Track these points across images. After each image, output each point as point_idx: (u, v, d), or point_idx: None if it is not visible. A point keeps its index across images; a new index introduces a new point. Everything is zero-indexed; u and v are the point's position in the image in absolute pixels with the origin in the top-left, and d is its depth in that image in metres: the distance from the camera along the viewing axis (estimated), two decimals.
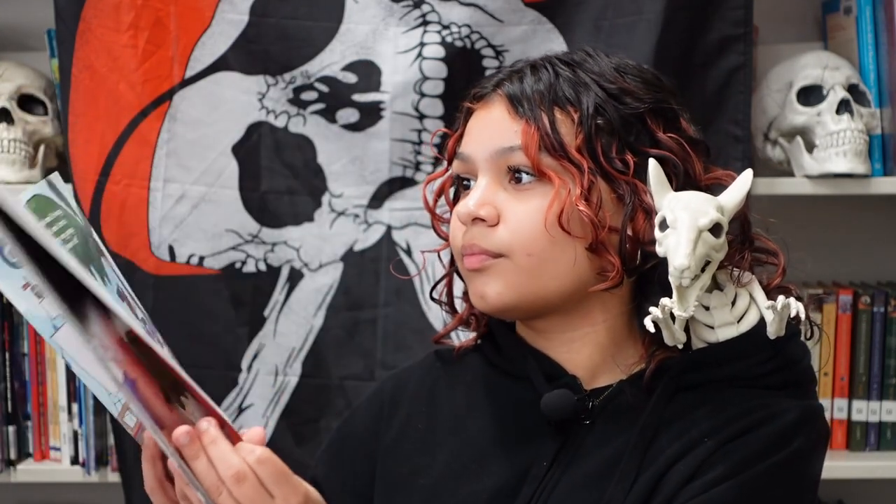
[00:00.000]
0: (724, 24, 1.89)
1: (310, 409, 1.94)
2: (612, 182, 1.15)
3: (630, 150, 1.16)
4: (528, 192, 1.15)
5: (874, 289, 2.10)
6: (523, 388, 1.21)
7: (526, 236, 1.15)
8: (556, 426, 1.17)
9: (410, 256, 1.94)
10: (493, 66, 1.91)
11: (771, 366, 1.16)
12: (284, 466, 1.08)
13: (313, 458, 1.31)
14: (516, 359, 1.22)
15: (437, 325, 1.93)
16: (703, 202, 1.12)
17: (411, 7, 1.90)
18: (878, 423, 2.08)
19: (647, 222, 1.15)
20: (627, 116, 1.16)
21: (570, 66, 1.18)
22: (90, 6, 1.90)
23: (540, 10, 1.90)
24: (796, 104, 2.01)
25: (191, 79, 1.93)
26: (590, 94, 1.16)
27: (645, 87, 1.18)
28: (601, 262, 1.15)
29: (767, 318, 1.14)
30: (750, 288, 1.16)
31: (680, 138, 1.17)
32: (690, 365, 1.17)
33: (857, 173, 1.95)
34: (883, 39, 2.01)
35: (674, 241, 1.09)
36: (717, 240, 1.11)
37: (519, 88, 1.17)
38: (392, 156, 1.93)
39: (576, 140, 1.15)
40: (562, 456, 1.16)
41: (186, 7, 1.92)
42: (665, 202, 1.12)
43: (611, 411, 1.17)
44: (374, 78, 1.91)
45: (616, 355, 1.20)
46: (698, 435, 1.12)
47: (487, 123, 1.19)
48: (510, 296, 1.16)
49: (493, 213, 1.16)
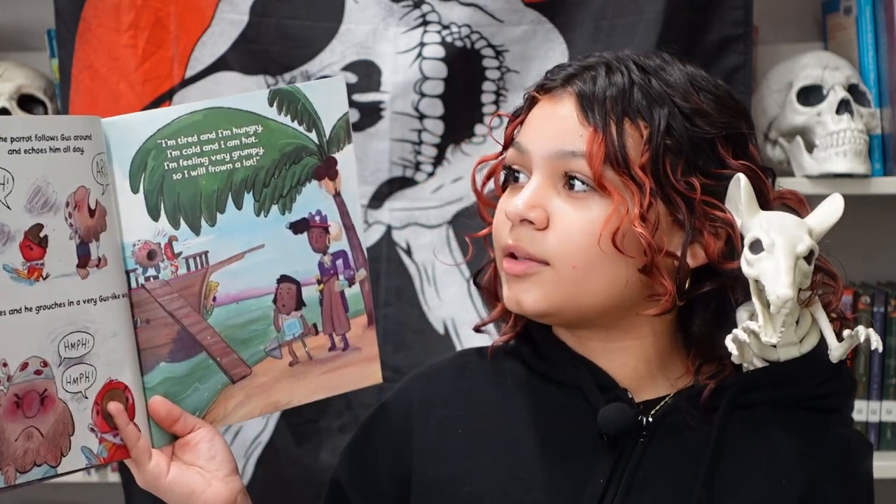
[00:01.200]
0: (724, 24, 1.89)
1: (310, 409, 1.92)
2: (671, 205, 1.12)
3: (698, 172, 1.12)
4: (582, 200, 1.12)
5: (874, 289, 2.10)
6: (570, 396, 1.18)
7: (574, 247, 1.11)
8: (609, 440, 1.14)
9: (410, 256, 1.94)
10: (493, 66, 1.91)
11: (827, 388, 1.16)
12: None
13: (313, 459, 1.31)
14: (563, 366, 1.19)
15: (437, 325, 1.93)
16: (797, 226, 1.09)
17: (411, 7, 1.90)
18: (878, 423, 2.08)
19: (717, 243, 1.12)
20: (698, 139, 1.12)
21: (645, 72, 1.14)
22: (90, 6, 1.90)
23: (540, 10, 1.90)
24: (796, 104, 2.01)
25: (191, 79, 1.93)
26: (663, 110, 1.12)
27: (718, 108, 1.14)
28: (652, 284, 1.12)
29: (834, 344, 1.12)
30: (813, 309, 1.14)
31: (752, 165, 1.14)
32: (751, 385, 1.15)
33: (857, 173, 1.95)
34: (883, 39, 2.01)
35: (772, 268, 1.06)
36: (810, 267, 1.09)
37: (591, 89, 1.13)
38: (392, 156, 1.93)
39: (641, 157, 1.11)
40: (618, 473, 1.13)
41: (186, 7, 1.91)
42: (756, 222, 1.09)
43: (666, 428, 1.15)
44: (374, 78, 1.91)
45: (662, 368, 1.18)
46: (775, 471, 1.12)
47: (552, 119, 1.15)
48: (547, 305, 1.14)
49: (542, 216, 1.12)
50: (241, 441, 1.93)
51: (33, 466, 1.09)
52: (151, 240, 1.17)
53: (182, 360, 1.19)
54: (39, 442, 1.09)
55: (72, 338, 1.11)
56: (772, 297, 1.06)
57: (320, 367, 1.25)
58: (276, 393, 1.24)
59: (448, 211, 1.94)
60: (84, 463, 1.13)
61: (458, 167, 1.93)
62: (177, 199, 1.18)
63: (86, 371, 1.12)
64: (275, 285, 1.22)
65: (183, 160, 1.18)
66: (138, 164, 1.17)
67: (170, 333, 1.18)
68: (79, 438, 1.12)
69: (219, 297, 1.20)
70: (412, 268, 1.94)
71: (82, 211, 1.12)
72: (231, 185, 1.20)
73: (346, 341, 1.26)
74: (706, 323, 1.16)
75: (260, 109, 1.21)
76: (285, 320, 1.23)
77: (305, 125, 1.23)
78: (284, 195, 1.22)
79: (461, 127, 1.93)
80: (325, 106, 1.24)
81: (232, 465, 1.20)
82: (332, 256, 1.25)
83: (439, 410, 1.23)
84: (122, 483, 2.01)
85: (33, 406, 1.09)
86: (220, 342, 1.20)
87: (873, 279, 2.20)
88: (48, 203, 1.09)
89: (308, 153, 1.23)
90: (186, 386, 1.19)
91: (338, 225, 1.25)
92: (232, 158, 1.20)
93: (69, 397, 1.11)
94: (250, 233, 1.21)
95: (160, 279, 1.17)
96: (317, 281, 1.24)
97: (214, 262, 1.20)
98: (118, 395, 1.15)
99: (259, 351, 1.22)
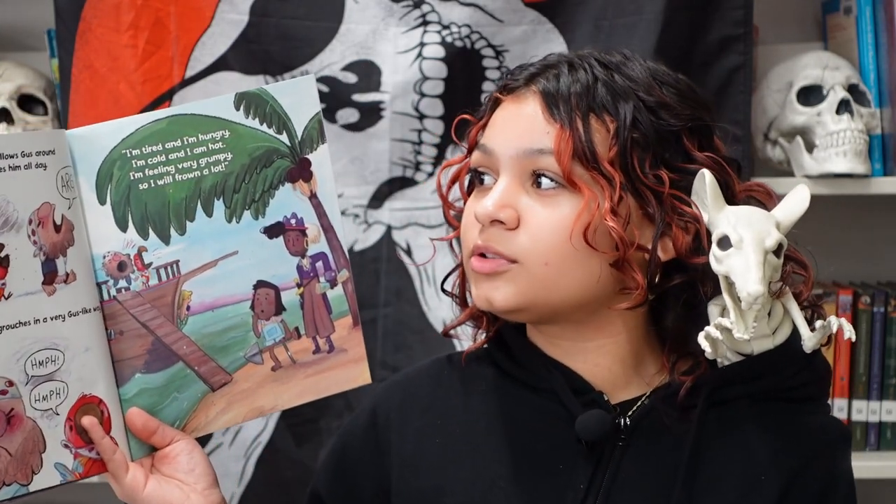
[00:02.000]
0: (724, 24, 1.89)
1: (309, 409, 1.93)
2: (640, 198, 1.12)
3: (665, 165, 1.12)
4: (551, 198, 1.12)
5: (874, 289, 2.10)
6: (546, 400, 1.17)
7: (545, 245, 1.11)
8: (587, 446, 1.13)
9: (410, 256, 1.94)
10: (493, 66, 1.91)
11: (802, 378, 1.15)
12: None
13: (313, 459, 1.31)
14: (537, 370, 1.18)
15: (436, 325, 1.93)
16: (764, 220, 1.09)
17: (411, 7, 1.90)
18: (878, 423, 2.08)
19: (685, 238, 1.12)
20: (663, 132, 1.12)
21: (607, 68, 1.14)
22: (90, 6, 1.90)
23: (540, 10, 1.90)
24: (796, 104, 2.01)
25: (191, 79, 1.93)
26: (628, 105, 1.12)
27: (681, 100, 1.14)
28: (624, 278, 1.12)
29: (807, 334, 1.12)
30: (785, 300, 1.13)
31: (717, 157, 1.15)
32: (726, 380, 1.15)
33: (857, 173, 1.95)
34: (883, 39, 2.01)
35: (741, 264, 1.06)
36: (779, 260, 1.08)
37: (555, 87, 1.13)
38: (392, 156, 1.93)
39: (609, 152, 1.11)
40: (597, 479, 1.13)
41: (186, 7, 1.91)
42: (723, 218, 1.09)
43: (644, 430, 1.14)
44: (374, 78, 1.91)
45: (637, 367, 1.18)
46: (753, 469, 1.12)
47: (517, 119, 1.14)
48: (518, 301, 1.13)
49: (513, 216, 1.12)
50: (241, 441, 1.93)
51: (2, 486, 1.08)
52: (121, 251, 1.16)
53: (158, 370, 1.18)
54: (7, 461, 1.08)
55: (39, 355, 1.10)
56: (742, 293, 1.05)
57: (305, 370, 1.25)
58: (259, 398, 1.23)
59: None
60: (59, 479, 1.12)
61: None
62: (144, 209, 1.17)
63: (56, 388, 1.11)
64: (251, 291, 1.21)
65: (148, 169, 1.17)
66: (104, 175, 1.16)
67: (144, 344, 1.17)
68: (51, 455, 1.11)
69: (193, 305, 1.19)
70: (412, 268, 1.94)
71: (47, 227, 1.11)
72: (200, 193, 1.19)
73: (330, 343, 1.26)
74: (679, 317, 1.16)
75: (226, 114, 1.20)
76: (265, 325, 1.22)
77: (275, 127, 1.22)
78: (257, 200, 1.21)
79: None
80: (296, 106, 1.23)
81: (211, 478, 1.20)
82: (312, 259, 1.24)
83: (417, 420, 1.22)
84: None
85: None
86: (196, 351, 1.19)
87: (873, 279, 2.20)
88: (8, 222, 1.08)
89: (280, 156, 1.22)
90: (164, 396, 1.18)
91: (315, 227, 1.24)
92: (199, 165, 1.18)
93: (38, 415, 1.10)
94: (222, 240, 1.20)
95: (132, 290, 1.16)
96: (296, 284, 1.23)
97: (186, 270, 1.19)
98: (92, 410, 1.14)
99: (239, 357, 1.21)
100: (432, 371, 1.27)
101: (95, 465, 1.15)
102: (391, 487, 1.21)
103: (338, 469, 1.27)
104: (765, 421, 1.14)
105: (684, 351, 1.16)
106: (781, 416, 1.15)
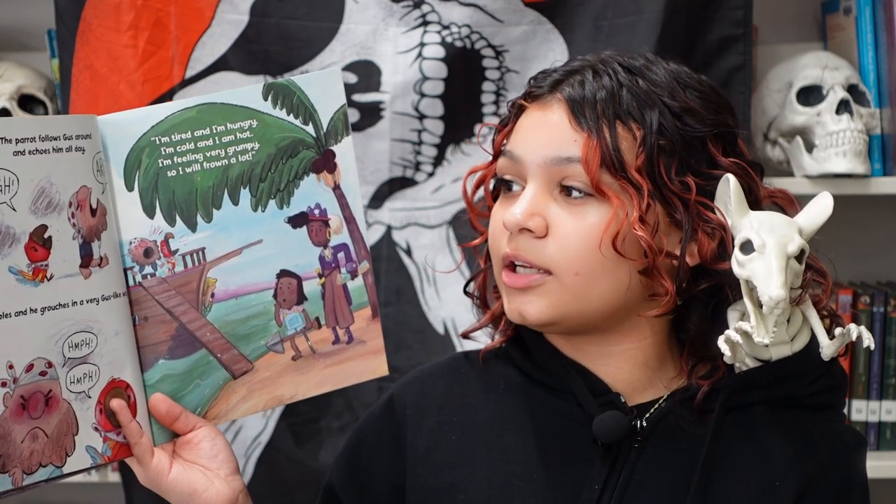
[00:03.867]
0: (724, 24, 1.89)
1: (310, 409, 1.94)
2: (668, 205, 1.12)
3: (691, 171, 1.12)
4: (579, 207, 1.12)
5: (874, 289, 2.10)
6: (564, 401, 1.18)
7: (574, 254, 1.11)
8: (603, 446, 1.14)
9: (410, 256, 1.94)
10: (493, 67, 1.91)
11: (819, 386, 1.16)
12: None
13: (313, 459, 1.31)
14: (556, 372, 1.19)
15: (436, 325, 1.93)
16: (786, 225, 1.09)
17: (411, 7, 1.90)
18: (877, 423, 2.08)
19: (710, 244, 1.12)
20: (689, 138, 1.12)
21: (631, 73, 1.14)
22: (90, 6, 1.90)
23: (540, 10, 1.90)
24: (796, 104, 2.01)
25: (191, 79, 1.93)
26: (653, 111, 1.12)
27: (705, 105, 1.15)
28: (652, 285, 1.12)
29: (825, 342, 1.12)
30: (804, 307, 1.14)
31: (742, 162, 1.15)
32: (744, 385, 1.15)
33: (857, 173, 1.95)
34: (883, 39, 2.01)
35: (763, 269, 1.06)
36: (801, 266, 1.09)
37: (580, 94, 1.13)
38: (392, 156, 1.93)
39: (637, 160, 1.11)
40: (612, 479, 1.13)
41: (186, 7, 1.91)
42: (746, 222, 1.09)
43: (661, 432, 1.15)
44: (374, 78, 1.91)
45: (657, 370, 1.18)
46: (769, 474, 1.11)
47: (544, 127, 1.14)
48: (551, 314, 1.13)
49: (541, 224, 1.12)
50: (241, 441, 1.93)
51: (39, 467, 1.10)
52: (147, 237, 1.17)
53: (181, 356, 1.19)
54: (44, 443, 1.10)
55: (76, 338, 1.11)
56: (764, 297, 1.05)
57: (324, 360, 1.26)
58: (279, 387, 1.24)
59: (448, 211, 1.94)
60: (89, 462, 1.13)
61: (458, 167, 1.93)
62: (172, 196, 1.18)
63: (89, 370, 1.13)
64: (274, 280, 1.22)
65: (177, 157, 1.18)
66: (133, 161, 1.17)
67: (168, 331, 1.18)
68: (83, 438, 1.13)
69: (217, 293, 1.20)
70: (412, 268, 1.94)
71: (84, 211, 1.12)
72: (227, 181, 1.20)
73: (350, 334, 1.27)
74: (704, 320, 1.16)
75: (254, 104, 1.21)
76: (286, 315, 1.23)
77: (302, 118, 1.23)
78: (282, 189, 1.22)
79: (461, 127, 1.93)
80: (322, 98, 1.24)
81: (234, 465, 1.20)
82: (334, 250, 1.25)
83: (433, 416, 1.23)
84: (122, 483, 2.01)
85: (38, 407, 1.09)
86: (219, 338, 1.20)
87: (873, 279, 2.20)
88: (52, 204, 1.10)
89: (305, 146, 1.23)
90: (187, 383, 1.19)
91: (338, 218, 1.25)
92: (227, 154, 1.20)
93: (73, 397, 1.12)
94: (248, 228, 1.21)
95: (157, 276, 1.18)
96: (318, 275, 1.25)
97: (212, 258, 1.20)
98: (120, 394, 1.15)
99: (260, 346, 1.23)
100: (449, 368, 1.28)
101: (123, 448, 1.16)
102: (406, 483, 1.21)
103: (353, 464, 1.27)
104: (781, 427, 1.14)
105: (703, 355, 1.16)
106: (798, 423, 1.15)
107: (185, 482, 1.17)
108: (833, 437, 1.16)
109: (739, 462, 1.13)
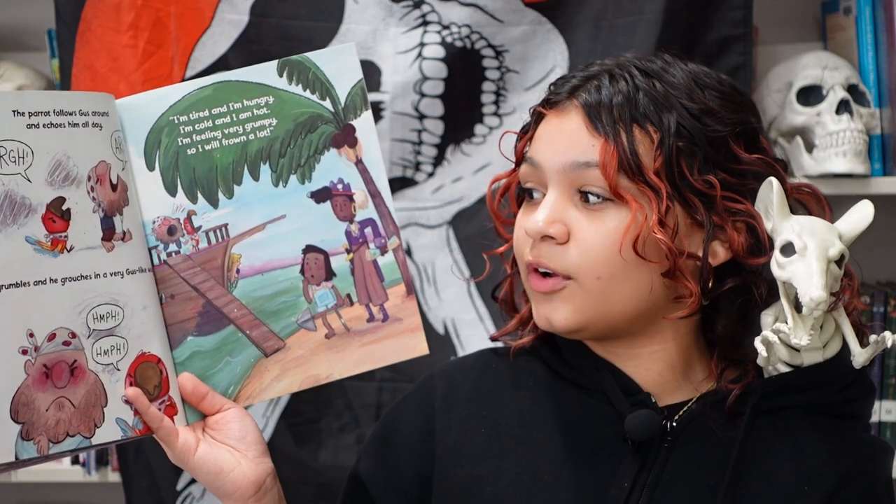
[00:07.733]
0: (724, 24, 1.89)
1: (310, 409, 1.94)
2: (688, 206, 1.12)
3: (714, 169, 1.12)
4: (599, 212, 1.12)
5: (874, 289, 2.10)
6: (594, 399, 1.18)
7: (595, 259, 1.12)
8: (633, 445, 1.14)
9: (410, 257, 1.94)
10: (493, 67, 1.91)
11: (850, 394, 1.16)
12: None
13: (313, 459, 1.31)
14: (587, 371, 1.19)
15: (437, 325, 1.93)
16: (827, 230, 1.10)
17: (411, 7, 1.90)
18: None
19: (739, 238, 1.12)
20: (709, 138, 1.13)
21: (648, 76, 1.14)
22: (90, 6, 1.90)
23: (540, 10, 1.90)
24: (796, 104, 2.01)
25: (191, 79, 1.92)
26: (671, 114, 1.12)
27: (725, 104, 1.15)
28: (677, 287, 1.13)
29: (857, 349, 1.13)
30: (836, 314, 1.14)
31: (766, 158, 1.15)
32: (776, 389, 1.15)
33: (857, 173, 1.95)
34: (883, 39, 2.01)
35: (804, 271, 1.07)
36: (840, 271, 1.09)
37: (597, 99, 1.14)
38: (392, 156, 1.93)
39: (655, 163, 1.11)
40: (642, 478, 1.13)
41: (186, 7, 1.92)
42: (788, 225, 1.10)
43: (690, 433, 1.15)
44: (374, 78, 1.91)
45: (686, 372, 1.19)
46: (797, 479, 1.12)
47: (562, 133, 1.15)
48: (577, 320, 1.14)
49: (562, 230, 1.13)
50: None
51: (66, 437, 1.10)
52: (170, 215, 1.18)
53: (210, 333, 1.20)
54: (71, 412, 1.10)
55: (101, 310, 1.12)
56: (805, 298, 1.06)
57: (360, 338, 1.25)
58: (314, 366, 1.24)
59: (448, 211, 1.94)
60: (120, 435, 1.13)
61: (458, 167, 1.93)
62: (192, 173, 1.19)
63: (116, 343, 1.13)
64: (301, 255, 1.22)
65: (196, 135, 1.19)
66: (152, 142, 1.18)
67: (195, 307, 1.19)
68: (112, 410, 1.13)
69: (242, 269, 1.21)
70: (412, 268, 1.94)
71: (104, 185, 1.13)
72: (246, 157, 1.21)
73: (385, 312, 1.26)
74: (732, 322, 1.16)
75: (270, 80, 1.22)
76: (316, 291, 1.23)
77: (318, 93, 1.24)
78: (302, 164, 1.23)
79: (461, 127, 1.93)
80: (338, 73, 1.25)
81: (262, 447, 1.21)
82: (360, 225, 1.25)
83: (462, 409, 1.23)
84: (122, 483, 2.02)
85: (63, 376, 1.10)
86: (247, 314, 1.21)
87: (873, 279, 2.20)
88: (69, 177, 1.10)
89: (324, 121, 1.24)
90: (217, 360, 1.20)
91: (363, 192, 1.25)
92: (245, 130, 1.21)
93: (100, 369, 1.12)
94: (270, 203, 1.22)
95: (182, 254, 1.19)
96: (345, 250, 1.24)
97: (235, 234, 1.21)
98: (151, 368, 1.16)
99: (291, 323, 1.23)
100: (479, 363, 1.28)
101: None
102: (433, 474, 1.22)
103: (381, 454, 1.27)
104: (811, 433, 1.15)
105: (733, 359, 1.17)
106: (827, 430, 1.15)
107: (211, 461, 1.18)
108: (862, 444, 1.17)
109: (769, 464, 1.13)
